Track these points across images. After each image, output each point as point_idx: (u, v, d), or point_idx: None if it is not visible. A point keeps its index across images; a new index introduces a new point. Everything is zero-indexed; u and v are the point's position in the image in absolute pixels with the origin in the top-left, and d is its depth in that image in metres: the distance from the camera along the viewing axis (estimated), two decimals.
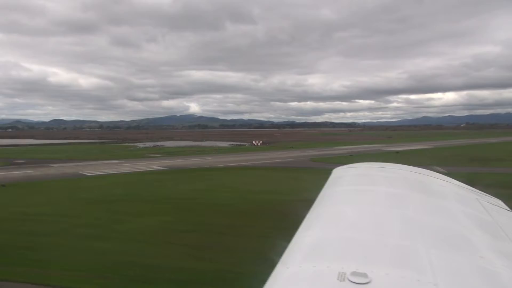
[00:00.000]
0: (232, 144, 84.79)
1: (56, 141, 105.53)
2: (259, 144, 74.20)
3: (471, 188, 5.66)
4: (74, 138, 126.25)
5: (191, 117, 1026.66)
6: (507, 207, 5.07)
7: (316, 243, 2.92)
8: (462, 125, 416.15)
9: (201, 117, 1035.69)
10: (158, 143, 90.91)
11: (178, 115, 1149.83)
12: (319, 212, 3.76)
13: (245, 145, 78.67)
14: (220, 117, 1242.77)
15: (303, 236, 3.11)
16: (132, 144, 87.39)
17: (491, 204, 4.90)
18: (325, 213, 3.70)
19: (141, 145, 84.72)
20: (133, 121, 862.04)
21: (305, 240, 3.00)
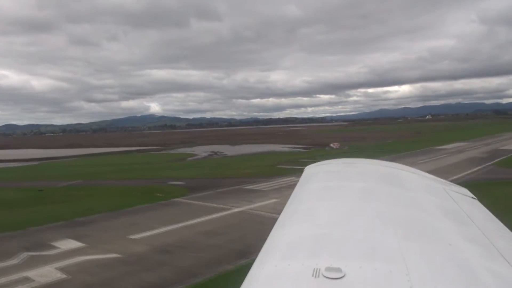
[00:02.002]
0: (292, 148, 71.33)
1: (97, 150, 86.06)
2: (337, 147, 65.39)
3: (439, 179, 5.82)
4: (82, 147, 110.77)
5: (152, 118, 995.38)
6: (472, 195, 5.23)
7: (290, 241, 2.95)
8: (427, 117, 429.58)
9: (163, 117, 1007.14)
10: (193, 150, 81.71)
11: (139, 115, 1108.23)
12: (293, 211, 3.82)
13: (326, 148, 62.70)
14: (182, 116, 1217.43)
15: (278, 235, 3.16)
16: (176, 152, 73.46)
17: (458, 193, 5.05)
18: (298, 211, 3.76)
19: (184, 151, 74.81)
20: (91, 123, 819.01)
21: (279, 239, 3.06)
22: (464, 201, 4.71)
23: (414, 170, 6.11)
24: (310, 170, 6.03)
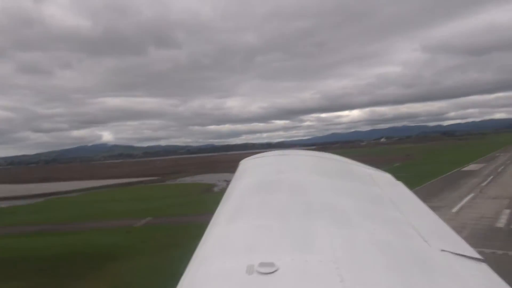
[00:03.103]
0: None
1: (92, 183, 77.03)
2: None
3: (365, 166, 5.89)
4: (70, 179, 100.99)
5: (103, 147, 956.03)
6: (396, 180, 5.28)
7: (225, 238, 2.94)
8: (382, 140, 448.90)
9: (115, 146, 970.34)
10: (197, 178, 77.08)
11: (90, 145, 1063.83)
12: (227, 207, 3.79)
13: None
14: (136, 145, 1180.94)
15: (212, 233, 3.14)
16: (191, 182, 68.04)
17: (384, 179, 5.19)
18: (232, 207, 3.72)
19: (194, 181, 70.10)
20: (38, 154, 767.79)
21: (214, 237, 3.03)
22: (389, 185, 4.90)
23: (342, 158, 6.31)
24: (245, 164, 5.95)
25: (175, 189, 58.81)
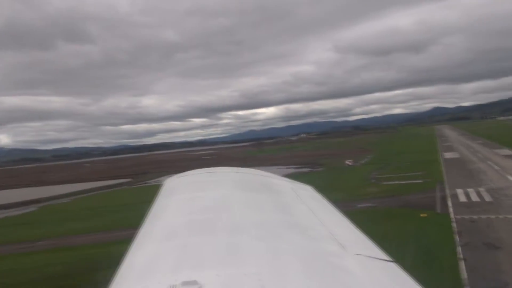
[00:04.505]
0: (298, 168, 72.92)
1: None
2: (350, 163, 68.47)
3: (287, 179, 6.62)
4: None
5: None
6: (315, 191, 5.86)
7: (148, 260, 2.94)
8: (302, 135, 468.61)
9: (14, 149, 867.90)
10: None
11: None
12: (150, 227, 3.82)
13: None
14: (40, 148, 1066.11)
15: (134, 256, 3.14)
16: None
17: (303, 191, 5.63)
18: (156, 227, 3.75)
19: None
20: None
21: (136, 259, 3.03)
22: (309, 196, 5.22)
23: (267, 174, 6.70)
24: (170, 183, 6.01)
25: None
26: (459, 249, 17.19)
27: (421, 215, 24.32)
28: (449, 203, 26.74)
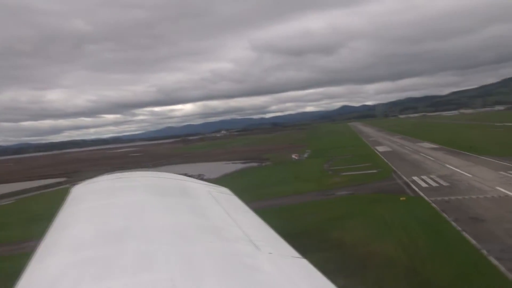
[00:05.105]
0: (245, 163, 75.19)
1: None
2: (296, 157, 70.96)
3: (204, 183, 6.75)
4: None
5: None
6: (230, 193, 6.18)
7: (50, 273, 2.83)
8: (222, 132, 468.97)
9: None
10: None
11: None
12: (54, 239, 3.68)
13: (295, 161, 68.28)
14: None
15: (35, 269, 3.01)
16: None
17: (220, 193, 5.67)
18: (60, 239, 3.61)
19: None
20: None
21: (37, 273, 2.92)
22: (225, 199, 5.31)
23: (181, 177, 6.60)
24: (78, 190, 5.77)
25: None
26: (453, 223, 20.66)
27: (401, 198, 27.85)
28: (416, 188, 30.81)
